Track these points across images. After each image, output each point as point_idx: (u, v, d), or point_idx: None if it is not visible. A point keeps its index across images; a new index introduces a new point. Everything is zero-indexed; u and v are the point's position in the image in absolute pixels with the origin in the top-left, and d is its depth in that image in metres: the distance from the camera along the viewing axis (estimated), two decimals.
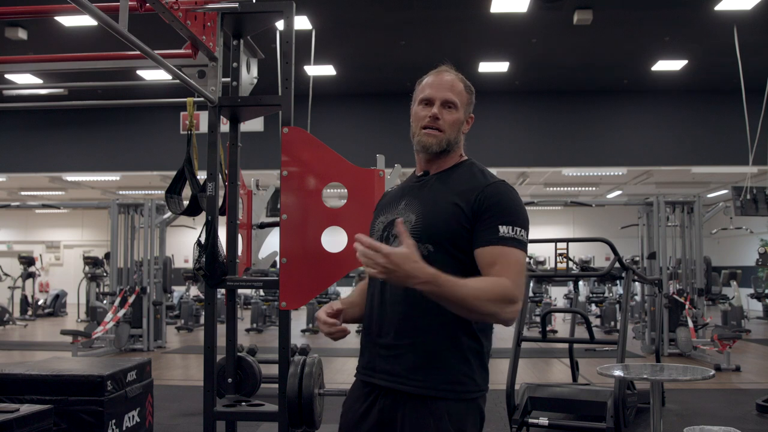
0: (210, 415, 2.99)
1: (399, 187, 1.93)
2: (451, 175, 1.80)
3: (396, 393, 1.68)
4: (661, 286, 8.53)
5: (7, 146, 12.15)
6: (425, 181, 1.82)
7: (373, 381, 1.74)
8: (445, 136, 1.78)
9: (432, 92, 1.79)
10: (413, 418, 1.65)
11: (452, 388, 1.66)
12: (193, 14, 2.73)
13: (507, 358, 4.68)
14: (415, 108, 1.82)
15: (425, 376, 1.66)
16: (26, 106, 8.57)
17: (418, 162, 1.87)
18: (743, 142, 8.40)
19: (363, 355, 1.81)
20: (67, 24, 8.24)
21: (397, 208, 1.80)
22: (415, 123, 1.82)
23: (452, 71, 1.85)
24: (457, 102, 1.80)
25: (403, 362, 1.66)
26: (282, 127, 2.99)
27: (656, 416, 3.18)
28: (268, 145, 6.43)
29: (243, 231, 3.51)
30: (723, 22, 8.28)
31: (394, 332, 1.70)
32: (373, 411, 1.73)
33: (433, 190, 1.78)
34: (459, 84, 1.82)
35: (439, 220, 1.70)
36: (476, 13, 8.22)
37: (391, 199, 1.87)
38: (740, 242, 18.15)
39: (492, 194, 1.71)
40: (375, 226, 1.85)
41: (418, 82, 1.88)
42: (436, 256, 1.65)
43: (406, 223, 1.71)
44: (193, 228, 10.66)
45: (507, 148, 11.84)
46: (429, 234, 1.69)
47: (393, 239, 1.74)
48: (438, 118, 1.77)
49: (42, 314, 15.82)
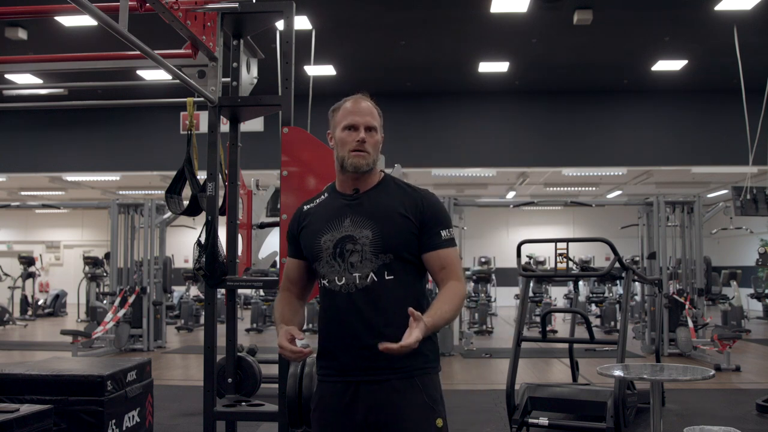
0: (210, 415, 2.99)
1: (326, 204, 2.09)
2: (384, 191, 2.06)
3: (380, 381, 1.95)
4: (661, 286, 8.53)
5: (7, 146, 12.14)
6: (360, 198, 2.04)
7: (358, 380, 1.96)
8: (371, 156, 2.04)
9: (356, 119, 2.03)
10: (403, 395, 1.94)
11: (431, 366, 2.02)
12: (193, 14, 2.73)
13: (507, 358, 4.68)
14: (339, 133, 2.04)
15: (411, 362, 1.95)
16: (26, 106, 8.57)
17: (344, 181, 2.07)
18: (743, 142, 8.39)
19: (336, 359, 2.00)
20: (67, 24, 8.24)
21: (342, 225, 2.00)
22: (341, 147, 2.03)
23: (367, 98, 2.09)
24: (377, 126, 2.06)
25: (390, 357, 1.86)
26: (282, 127, 2.99)
27: (656, 416, 3.18)
28: (268, 145, 6.42)
29: (243, 231, 3.51)
30: (723, 22, 8.28)
31: (376, 334, 1.91)
32: (358, 402, 1.95)
33: (375, 206, 2.02)
34: (374, 109, 2.08)
35: (394, 231, 1.98)
36: (476, 13, 8.22)
37: (327, 216, 2.04)
38: (740, 242, 18.15)
39: (430, 205, 2.03)
40: (321, 243, 2.01)
41: (333, 109, 2.11)
42: (395, 263, 1.97)
43: (363, 238, 1.96)
44: (193, 228, 10.65)
45: (507, 148, 11.84)
46: (388, 245, 1.96)
47: (348, 254, 1.97)
48: (365, 142, 2.02)
49: (42, 314, 15.82)
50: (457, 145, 11.80)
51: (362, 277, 1.96)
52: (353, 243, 1.97)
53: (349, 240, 1.98)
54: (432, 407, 1.98)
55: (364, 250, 1.96)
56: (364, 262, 1.96)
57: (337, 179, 2.11)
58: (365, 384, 1.96)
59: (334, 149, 2.08)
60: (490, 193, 17.81)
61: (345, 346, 1.98)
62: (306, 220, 2.09)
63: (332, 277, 1.99)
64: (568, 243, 4.82)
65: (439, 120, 11.72)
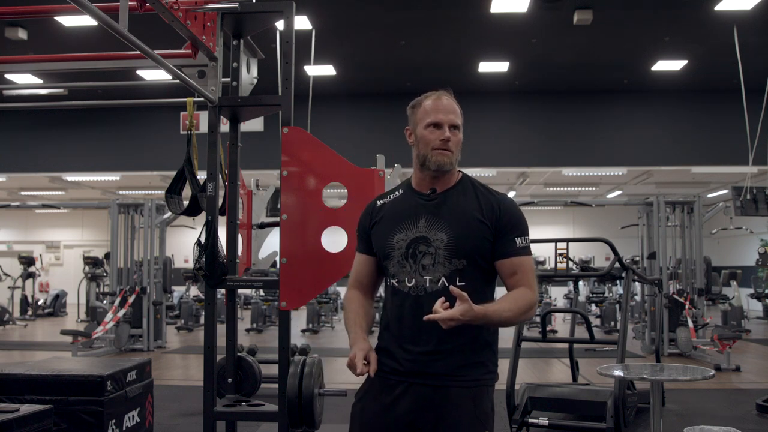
0: (210, 415, 2.99)
1: (401, 202, 2.04)
2: (461, 192, 2.01)
3: (436, 387, 1.91)
4: (661, 286, 8.53)
5: (7, 146, 12.14)
6: (438, 199, 1.99)
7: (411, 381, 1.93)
8: (454, 156, 1.99)
9: (440, 117, 1.98)
10: (455, 406, 1.90)
11: (489, 377, 1.97)
12: (193, 14, 2.73)
13: (507, 358, 4.67)
14: (422, 131, 1.99)
15: (470, 372, 1.93)
16: (26, 106, 8.56)
17: (422, 179, 2.02)
18: (743, 142, 8.39)
19: (393, 358, 1.96)
20: (67, 24, 8.24)
21: (417, 226, 1.96)
22: (424, 145, 1.98)
23: (450, 95, 2.05)
24: (460, 124, 2.02)
25: (450, 364, 1.91)
26: (282, 127, 2.99)
27: (656, 416, 3.18)
28: (268, 145, 6.42)
29: (243, 231, 3.51)
30: (723, 22, 8.28)
31: (436, 340, 1.90)
32: (404, 400, 1.92)
33: (452, 209, 1.97)
34: (457, 107, 2.03)
35: (469, 237, 1.93)
36: (476, 13, 8.22)
37: (402, 215, 2.00)
38: (740, 242, 18.15)
39: (507, 210, 1.98)
40: (393, 242, 1.97)
41: (413, 105, 2.06)
42: (468, 269, 1.92)
43: (438, 241, 1.93)
44: (193, 228, 10.65)
45: (507, 148, 11.84)
46: (462, 250, 1.92)
47: (421, 256, 1.93)
48: (449, 140, 1.96)
49: (42, 314, 15.82)
50: None
51: (433, 281, 1.92)
52: (427, 245, 1.93)
53: (422, 241, 1.94)
54: (482, 421, 1.92)
55: (438, 254, 1.92)
56: (437, 265, 1.92)
57: (414, 176, 2.05)
58: (418, 386, 1.92)
59: (413, 146, 2.03)
60: None
61: (406, 349, 1.94)
62: (379, 215, 2.04)
63: (402, 277, 1.95)
64: (568, 243, 4.82)
65: None
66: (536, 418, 4.31)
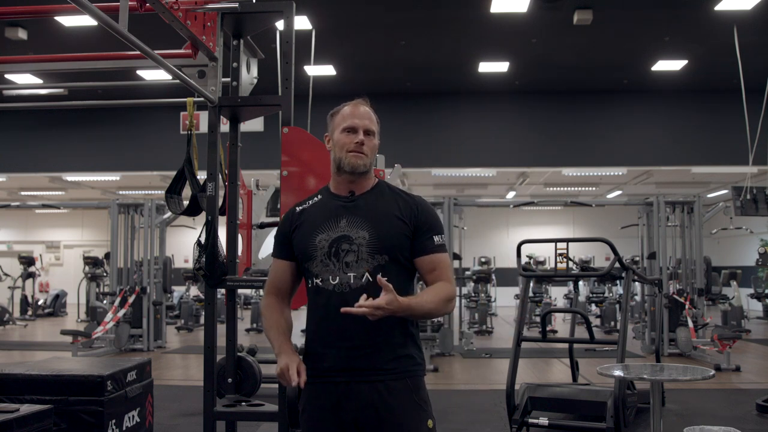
0: (210, 415, 2.99)
1: (321, 205, 2.10)
2: (380, 195, 2.09)
3: (372, 382, 1.96)
4: (661, 286, 8.53)
5: (7, 146, 12.14)
6: (355, 201, 2.06)
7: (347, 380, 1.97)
8: (368, 158, 2.07)
9: (356, 122, 2.07)
10: (395, 396, 1.96)
11: (418, 368, 2.05)
12: (193, 14, 2.73)
13: (507, 358, 4.68)
14: (338, 136, 2.07)
15: (401, 364, 2.00)
16: (26, 106, 8.56)
17: (339, 183, 2.10)
18: (743, 142, 8.39)
19: (324, 360, 2.01)
20: (67, 24, 8.24)
21: (338, 226, 2.02)
22: (339, 148, 2.06)
23: (366, 103, 2.13)
24: (375, 130, 2.11)
25: (381, 358, 1.97)
26: (282, 127, 2.99)
27: (656, 416, 3.18)
28: (268, 145, 6.41)
29: (243, 231, 3.51)
30: (723, 22, 8.28)
31: (364, 334, 1.96)
32: (347, 402, 1.96)
33: (372, 209, 2.04)
34: (373, 115, 2.13)
35: (390, 234, 2.01)
36: (476, 13, 8.22)
37: (323, 217, 2.06)
38: (740, 242, 18.14)
39: (424, 210, 2.07)
40: (316, 243, 2.02)
41: (331, 114, 2.15)
42: (390, 265, 1.99)
43: (360, 239, 1.99)
44: (193, 228, 10.65)
45: (507, 148, 11.84)
46: (384, 247, 1.99)
47: (344, 254, 1.98)
48: (363, 144, 2.05)
49: (42, 314, 15.81)
50: (457, 145, 11.79)
51: (357, 277, 1.97)
52: (349, 243, 1.99)
53: (345, 240, 1.99)
54: (423, 408, 2.01)
55: (360, 251, 1.98)
56: (360, 262, 1.97)
57: (333, 181, 2.13)
58: (355, 384, 1.96)
59: (331, 151, 2.11)
60: (490, 193, 17.81)
61: (335, 346, 1.99)
62: (299, 220, 2.10)
63: (326, 276, 2.00)
64: (568, 243, 4.82)
65: (439, 120, 11.72)
66: (536, 418, 4.31)
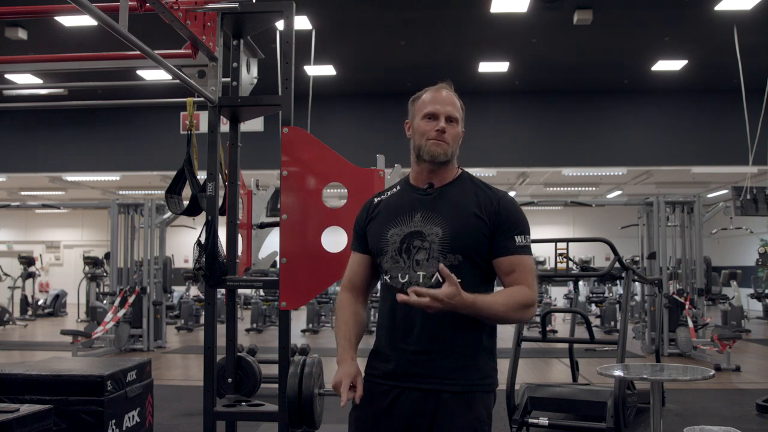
0: (210, 415, 2.99)
1: (398, 197, 1.99)
2: (460, 188, 1.95)
3: (428, 391, 1.84)
4: (661, 286, 8.53)
5: (7, 146, 12.14)
6: (434, 193, 1.94)
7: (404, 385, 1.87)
8: (450, 147, 1.93)
9: (437, 108, 1.93)
10: (449, 412, 1.83)
11: (485, 383, 1.89)
12: (193, 14, 2.73)
13: (507, 358, 4.68)
14: (418, 122, 1.95)
15: (463, 375, 1.86)
16: (26, 106, 8.57)
17: (418, 173, 1.98)
18: (743, 142, 8.39)
19: (387, 361, 1.92)
20: (67, 24, 8.24)
21: (412, 220, 1.90)
22: (419, 136, 1.93)
23: (449, 88, 2.00)
24: (458, 117, 1.96)
25: (441, 365, 1.84)
26: (282, 127, 2.99)
27: (656, 416, 3.18)
28: (268, 145, 6.42)
29: (243, 231, 3.51)
30: (723, 22, 8.28)
31: (427, 338, 1.85)
32: (399, 408, 1.87)
33: (449, 203, 1.91)
34: (457, 101, 1.98)
35: (465, 231, 1.86)
36: (476, 13, 8.22)
37: (398, 210, 1.94)
38: (740, 242, 18.14)
39: (506, 207, 1.90)
40: (387, 238, 1.92)
41: (413, 99, 2.02)
42: (464, 266, 1.84)
43: (433, 235, 1.86)
44: (193, 228, 10.65)
45: (507, 148, 11.83)
46: (457, 245, 1.85)
47: (415, 251, 1.87)
48: (444, 131, 1.91)
49: (42, 314, 15.81)
50: None
51: (427, 276, 1.85)
52: (421, 239, 1.87)
53: (417, 236, 1.88)
54: (476, 430, 1.85)
55: (432, 248, 1.85)
56: (431, 260, 1.85)
57: (412, 171, 2.00)
58: (410, 391, 1.86)
59: (411, 139, 1.98)
60: None
61: (399, 348, 1.89)
62: (375, 212, 1.99)
63: (395, 273, 1.89)
64: (568, 243, 4.82)
65: None
66: (536, 418, 4.31)
